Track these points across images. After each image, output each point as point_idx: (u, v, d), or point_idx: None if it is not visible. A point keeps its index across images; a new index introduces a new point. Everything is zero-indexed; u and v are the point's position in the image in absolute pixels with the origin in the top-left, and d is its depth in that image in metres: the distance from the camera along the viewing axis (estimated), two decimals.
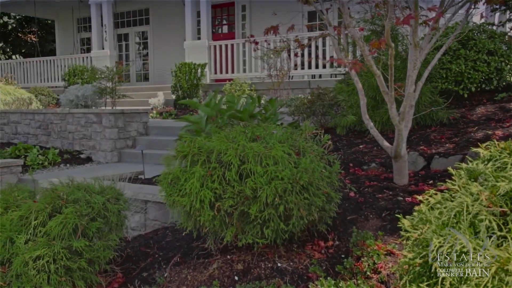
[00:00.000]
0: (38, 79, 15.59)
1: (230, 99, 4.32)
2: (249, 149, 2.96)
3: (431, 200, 1.96)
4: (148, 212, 5.27)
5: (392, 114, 3.61)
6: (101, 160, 8.74)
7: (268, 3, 14.43)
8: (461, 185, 1.96)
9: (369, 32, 5.79)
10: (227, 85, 11.48)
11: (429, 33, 3.62)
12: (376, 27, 5.70)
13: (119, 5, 15.90)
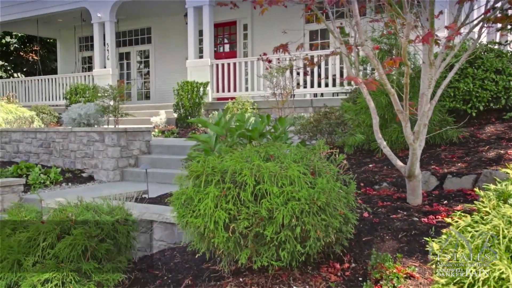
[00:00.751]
0: (39, 98, 15.58)
1: (240, 118, 4.28)
2: (264, 169, 2.90)
3: (461, 222, 1.89)
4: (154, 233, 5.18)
5: (406, 133, 3.56)
6: (103, 179, 8.65)
7: (269, 22, 14.52)
8: (492, 207, 1.89)
9: (377, 50, 5.77)
10: (229, 104, 11.46)
11: (442, 52, 3.60)
12: (383, 45, 5.70)
13: (121, 24, 15.98)
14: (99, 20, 14.26)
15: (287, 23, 14.29)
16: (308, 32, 14.53)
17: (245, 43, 15.48)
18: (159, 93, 16.92)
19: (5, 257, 2.97)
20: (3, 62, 21.22)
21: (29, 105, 13.93)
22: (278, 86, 8.90)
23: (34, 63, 21.53)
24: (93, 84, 13.55)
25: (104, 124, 10.36)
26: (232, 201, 2.89)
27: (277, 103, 8.65)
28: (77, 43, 18.52)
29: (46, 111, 13.01)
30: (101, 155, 8.67)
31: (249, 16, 15.14)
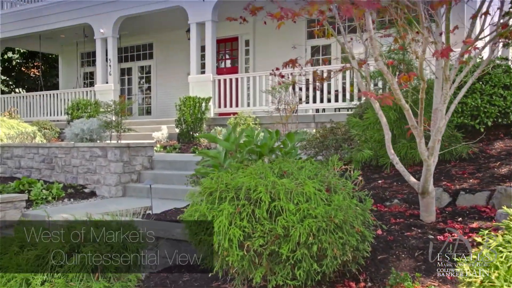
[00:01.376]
0: (41, 113, 15.55)
1: (249, 133, 4.23)
2: (280, 186, 2.85)
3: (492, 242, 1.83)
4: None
5: (421, 149, 3.51)
6: (105, 195, 8.57)
7: (271, 38, 14.57)
8: None
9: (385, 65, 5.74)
10: (231, 119, 11.43)
11: (455, 67, 3.57)
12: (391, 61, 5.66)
13: (123, 39, 16.04)
14: (101, 35, 14.30)
15: (289, 39, 14.37)
16: (309, 47, 14.58)
17: (246, 59, 15.52)
18: (160, 108, 16.91)
19: (13, 275, 2.90)
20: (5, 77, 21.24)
21: (30, 120, 13.89)
22: (282, 101, 8.88)
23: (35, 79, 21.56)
24: (95, 100, 13.53)
25: (107, 139, 10.31)
26: (246, 219, 2.83)
27: (281, 118, 8.62)
28: (79, 59, 18.56)
29: (47, 126, 12.97)
30: (104, 170, 8.61)
31: (251, 32, 15.21)
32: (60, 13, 14.90)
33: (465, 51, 3.03)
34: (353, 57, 3.98)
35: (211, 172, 4.08)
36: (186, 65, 15.50)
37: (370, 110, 5.54)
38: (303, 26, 14.37)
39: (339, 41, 4.04)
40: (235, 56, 15.78)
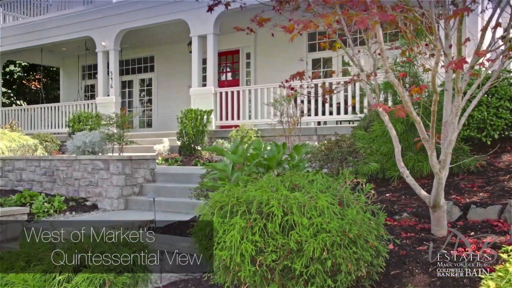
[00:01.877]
0: (42, 126, 15.51)
1: (257, 146, 4.20)
2: (292, 200, 2.80)
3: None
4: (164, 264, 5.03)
5: (432, 162, 3.47)
6: (107, 208, 8.51)
7: (272, 51, 14.61)
8: None
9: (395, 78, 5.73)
10: (233, 132, 11.40)
11: (465, 79, 3.55)
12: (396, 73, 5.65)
13: (124, 52, 16.07)
14: (103, 48, 14.33)
15: (290, 52, 14.40)
16: (311, 60, 14.62)
17: (247, 72, 15.55)
18: (161, 121, 16.89)
19: None
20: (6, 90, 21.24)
21: (31, 133, 13.85)
22: (285, 114, 8.86)
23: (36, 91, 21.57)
24: (96, 112, 13.51)
25: (109, 152, 10.26)
26: (258, 233, 2.78)
27: (284, 131, 8.59)
28: (80, 71, 18.59)
29: (48, 139, 12.93)
30: (106, 183, 8.55)
31: (252, 45, 15.27)
32: (62, 26, 14.95)
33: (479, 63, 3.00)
34: (362, 69, 3.96)
35: (219, 185, 4.03)
36: (187, 78, 15.53)
37: (376, 122, 5.52)
38: (304, 39, 14.43)
39: (347, 54, 4.02)
40: (236, 69, 15.81)
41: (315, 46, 14.57)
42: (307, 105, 11.27)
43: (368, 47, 4.23)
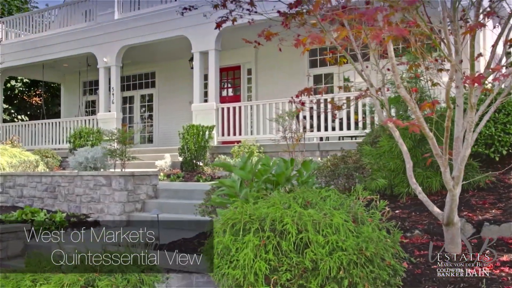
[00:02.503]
0: (42, 141, 15.45)
1: (265, 162, 4.14)
2: (306, 217, 2.74)
3: None
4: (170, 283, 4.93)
5: (446, 178, 3.42)
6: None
7: (273, 66, 14.65)
8: None
9: (396, 94, 5.72)
10: (235, 148, 11.35)
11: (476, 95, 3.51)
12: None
13: (126, 68, 16.08)
14: (105, 64, 14.35)
15: (291, 67, 14.46)
16: (312, 76, 14.64)
17: (249, 87, 15.57)
18: (162, 136, 16.85)
19: None
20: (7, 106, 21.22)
21: (32, 148, 13.79)
22: (289, 129, 8.83)
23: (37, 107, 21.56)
24: (97, 128, 13.47)
25: (111, 168, 10.19)
26: (272, 251, 2.71)
27: (288, 146, 8.55)
28: (81, 87, 18.60)
29: (49, 155, 12.86)
30: (108, 199, 8.47)
31: (253, 61, 15.31)
32: (64, 43, 15.00)
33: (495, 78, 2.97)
34: (372, 84, 3.93)
35: (227, 202, 3.97)
36: (188, 93, 15.53)
37: (384, 138, 5.48)
38: (306, 55, 14.47)
39: (356, 69, 3.99)
40: (237, 84, 15.83)
41: (316, 62, 14.62)
42: (309, 120, 11.25)
43: (376, 62, 4.21)
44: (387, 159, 5.33)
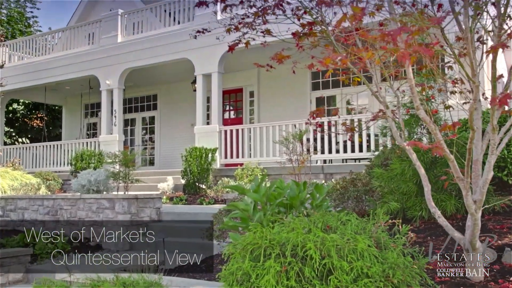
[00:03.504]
0: (43, 164, 15.34)
1: (279, 185, 4.06)
2: (329, 242, 2.64)
3: None
4: None
5: (468, 202, 3.33)
6: (112, 248, 8.27)
7: (276, 89, 14.69)
8: None
9: (408, 115, 5.68)
10: (238, 170, 11.27)
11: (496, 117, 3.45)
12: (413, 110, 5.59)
13: (128, 91, 16.08)
14: (107, 87, 14.36)
15: (294, 90, 14.49)
16: (314, 98, 14.67)
17: (251, 110, 15.58)
18: (163, 159, 16.77)
19: None
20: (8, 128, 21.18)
21: (33, 171, 13.67)
22: (295, 152, 8.76)
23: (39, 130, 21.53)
24: (99, 150, 13.40)
25: (114, 191, 10.08)
26: (294, 277, 2.61)
27: (293, 169, 8.46)
28: (83, 110, 18.60)
29: (50, 177, 12.75)
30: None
31: (255, 84, 15.36)
32: (67, 66, 15.05)
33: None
34: (387, 106, 3.88)
35: (240, 225, 3.87)
36: (190, 115, 15.52)
37: (396, 160, 5.41)
38: (308, 78, 14.53)
39: (371, 90, 3.95)
40: (240, 107, 15.84)
41: (318, 84, 14.67)
42: (313, 143, 11.19)
43: (390, 84, 4.17)
44: (400, 181, 5.25)
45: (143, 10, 14.42)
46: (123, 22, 14.45)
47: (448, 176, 4.07)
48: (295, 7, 3.88)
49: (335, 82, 14.26)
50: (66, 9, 67.37)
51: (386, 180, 5.52)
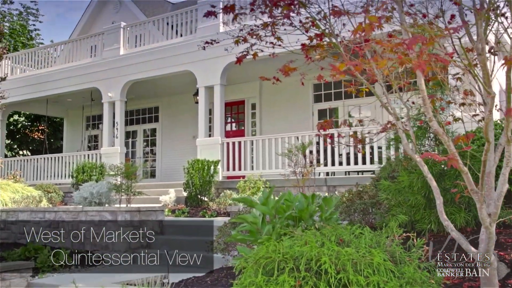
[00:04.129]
0: (44, 176, 15.27)
1: (288, 197, 4.00)
2: (345, 256, 2.58)
3: None
4: None
5: (482, 215, 3.27)
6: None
7: (278, 101, 14.68)
8: None
9: (416, 128, 5.63)
10: (241, 182, 11.20)
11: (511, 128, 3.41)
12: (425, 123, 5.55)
13: (129, 103, 16.09)
14: (109, 99, 14.35)
15: (296, 103, 14.48)
16: (316, 111, 14.66)
17: (253, 122, 15.56)
18: (165, 171, 16.71)
19: None
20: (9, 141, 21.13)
21: (34, 183, 13.60)
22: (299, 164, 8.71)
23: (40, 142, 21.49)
24: (101, 163, 13.35)
25: (116, 203, 10.01)
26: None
27: (298, 181, 8.41)
28: (84, 122, 18.58)
29: (51, 190, 12.67)
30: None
31: (257, 96, 15.36)
32: (69, 78, 15.07)
33: None
34: (398, 118, 3.84)
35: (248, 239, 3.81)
36: (191, 128, 15.50)
37: (404, 173, 5.35)
38: (310, 90, 14.53)
39: (381, 101, 3.91)
40: (241, 119, 15.82)
41: (320, 96, 14.67)
42: (316, 155, 11.13)
43: (399, 96, 4.13)
44: (408, 194, 5.19)
45: (145, 23, 14.48)
46: (126, 34, 14.50)
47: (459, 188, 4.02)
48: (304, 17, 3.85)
49: (337, 94, 14.27)
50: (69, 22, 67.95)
51: (394, 193, 5.46)
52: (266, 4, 3.87)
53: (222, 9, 3.78)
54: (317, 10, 4.06)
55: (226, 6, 3.66)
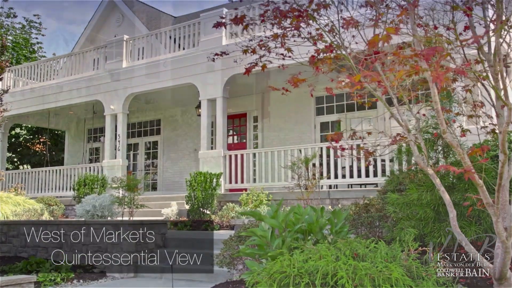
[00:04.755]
0: (46, 189, 15.18)
1: (297, 210, 3.94)
2: (362, 270, 2.52)
3: None
4: None
5: (498, 229, 3.22)
6: (116, 275, 8.08)
7: (279, 114, 14.67)
8: None
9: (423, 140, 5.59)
10: (243, 195, 11.13)
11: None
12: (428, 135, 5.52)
13: (131, 115, 16.08)
14: (111, 112, 14.33)
15: (298, 115, 14.46)
16: (319, 123, 14.63)
17: (255, 135, 15.52)
18: (166, 184, 16.63)
19: None
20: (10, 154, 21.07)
21: (35, 196, 13.51)
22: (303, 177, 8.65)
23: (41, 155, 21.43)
24: (102, 175, 13.28)
25: (119, 216, 9.92)
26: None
27: (302, 194, 8.35)
28: (86, 135, 18.55)
29: (52, 203, 12.59)
30: (115, 249, 8.17)
31: (259, 109, 15.35)
32: (71, 91, 15.09)
33: None
34: (409, 130, 3.80)
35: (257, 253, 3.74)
36: (193, 140, 15.46)
37: (412, 185, 5.30)
38: (312, 103, 14.51)
39: (392, 113, 3.88)
40: (243, 132, 15.79)
41: (322, 109, 14.65)
42: (319, 168, 11.08)
43: (409, 107, 4.10)
44: (417, 207, 5.13)
45: (148, 36, 14.52)
46: (128, 47, 14.53)
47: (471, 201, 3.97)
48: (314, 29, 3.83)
49: (339, 107, 14.25)
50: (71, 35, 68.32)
51: (402, 206, 5.40)
52: (276, 15, 3.86)
53: (231, 20, 3.76)
54: (326, 22, 4.05)
55: (236, 17, 3.64)
